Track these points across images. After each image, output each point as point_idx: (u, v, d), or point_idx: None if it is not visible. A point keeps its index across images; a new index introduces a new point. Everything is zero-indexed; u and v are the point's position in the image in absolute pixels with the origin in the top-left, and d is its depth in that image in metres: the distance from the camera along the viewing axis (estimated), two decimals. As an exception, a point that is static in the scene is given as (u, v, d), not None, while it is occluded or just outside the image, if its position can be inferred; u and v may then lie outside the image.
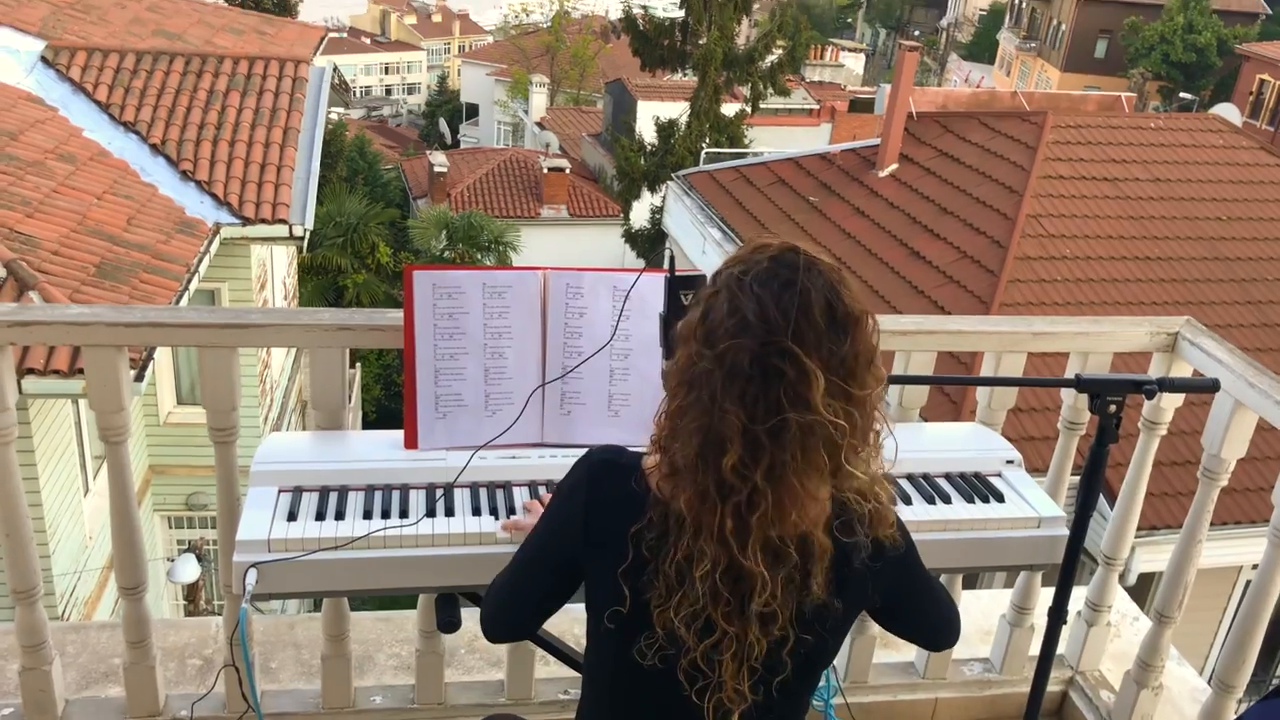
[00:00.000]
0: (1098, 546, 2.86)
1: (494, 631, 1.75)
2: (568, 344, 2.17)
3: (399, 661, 2.88)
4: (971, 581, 3.49)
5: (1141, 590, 9.08)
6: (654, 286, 2.12)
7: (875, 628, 2.81)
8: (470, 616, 2.77)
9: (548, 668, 2.73)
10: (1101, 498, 7.12)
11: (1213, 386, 2.01)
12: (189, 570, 9.95)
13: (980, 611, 3.21)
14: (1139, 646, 2.77)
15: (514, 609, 1.68)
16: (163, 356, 10.25)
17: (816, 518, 1.44)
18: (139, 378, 7.38)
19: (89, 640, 2.84)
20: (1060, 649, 2.99)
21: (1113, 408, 1.91)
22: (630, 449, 1.58)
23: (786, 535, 1.41)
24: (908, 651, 3.00)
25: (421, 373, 2.13)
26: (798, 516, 1.40)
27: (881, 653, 2.92)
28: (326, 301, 19.89)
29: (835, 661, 2.84)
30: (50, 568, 8.61)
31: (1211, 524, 2.53)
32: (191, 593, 11.06)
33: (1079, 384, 1.94)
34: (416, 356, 2.13)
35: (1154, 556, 8.63)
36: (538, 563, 1.63)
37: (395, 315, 2.22)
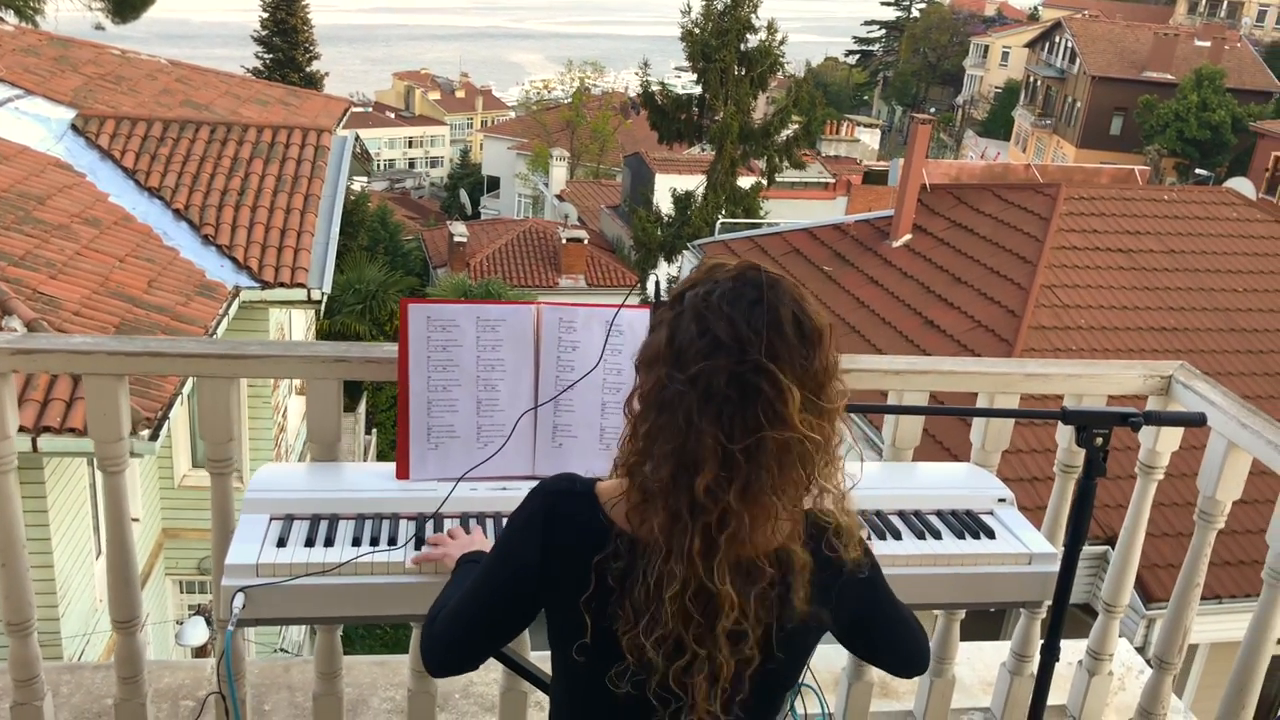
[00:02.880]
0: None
1: (443, 669, 1.63)
2: (560, 377, 2.20)
3: (393, 705, 2.86)
4: (995, 633, 3.44)
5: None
6: (647, 322, 2.15)
7: (874, 674, 2.77)
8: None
9: (541, 715, 2.70)
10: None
11: (1199, 420, 2.01)
12: (198, 633, 9.89)
13: (983, 663, 3.17)
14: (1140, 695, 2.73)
15: (467, 645, 1.60)
16: (179, 418, 10.32)
17: (791, 533, 1.43)
18: (153, 437, 7.43)
19: (83, 680, 2.84)
20: (1063, 699, 2.95)
21: (1099, 440, 1.92)
22: (583, 476, 1.55)
23: (759, 553, 1.40)
24: (906, 700, 2.96)
25: (414, 404, 2.16)
26: (772, 532, 1.40)
27: (879, 701, 2.89)
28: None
29: (832, 710, 2.81)
30: (59, 630, 8.59)
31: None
32: (200, 656, 10.99)
33: (1065, 416, 1.95)
34: (410, 388, 2.16)
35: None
36: (492, 598, 1.57)
37: (390, 348, 2.26)
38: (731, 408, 1.35)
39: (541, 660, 2.26)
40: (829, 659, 2.95)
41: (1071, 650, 3.01)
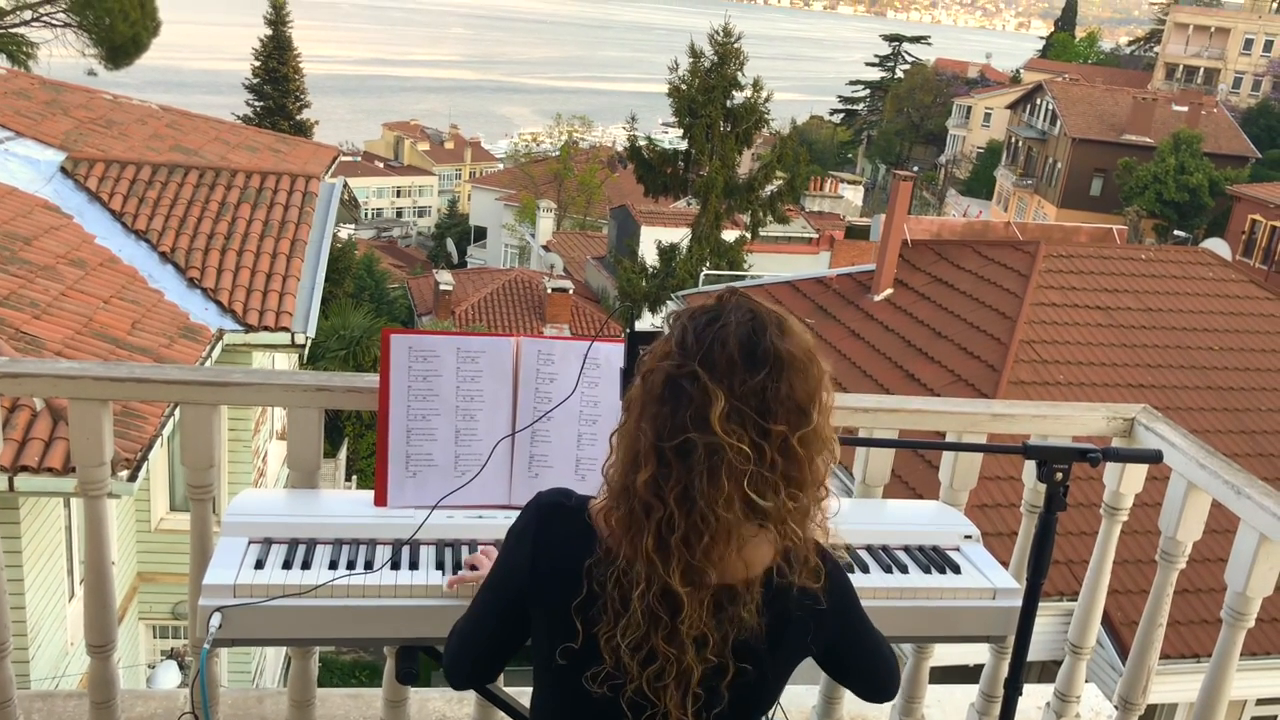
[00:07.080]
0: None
1: (455, 675, 1.75)
2: (538, 408, 2.25)
3: (366, 738, 2.86)
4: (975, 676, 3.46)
5: None
6: (622, 355, 2.21)
7: (844, 711, 2.80)
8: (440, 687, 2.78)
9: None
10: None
11: (1155, 458, 2.07)
12: (170, 677, 9.78)
13: (953, 705, 3.20)
14: (1108, 737, 2.76)
15: (472, 650, 1.70)
16: (158, 461, 10.28)
17: (749, 558, 1.48)
18: (132, 478, 7.40)
19: (55, 708, 2.83)
20: (1030, 741, 2.98)
21: (1059, 475, 1.97)
22: (578, 492, 1.64)
23: (709, 563, 1.44)
24: (877, 740, 2.98)
25: (394, 432, 2.20)
26: (722, 548, 1.44)
27: (851, 741, 2.90)
28: (328, 413, 20.04)
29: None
30: (29, 673, 8.48)
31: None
32: (172, 703, 10.83)
33: (1026, 451, 2.00)
34: (390, 416, 2.20)
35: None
36: (492, 604, 1.67)
37: (372, 378, 2.31)
38: (665, 408, 1.44)
39: (520, 695, 2.29)
40: (799, 698, 2.97)
41: (1042, 694, 3.05)
